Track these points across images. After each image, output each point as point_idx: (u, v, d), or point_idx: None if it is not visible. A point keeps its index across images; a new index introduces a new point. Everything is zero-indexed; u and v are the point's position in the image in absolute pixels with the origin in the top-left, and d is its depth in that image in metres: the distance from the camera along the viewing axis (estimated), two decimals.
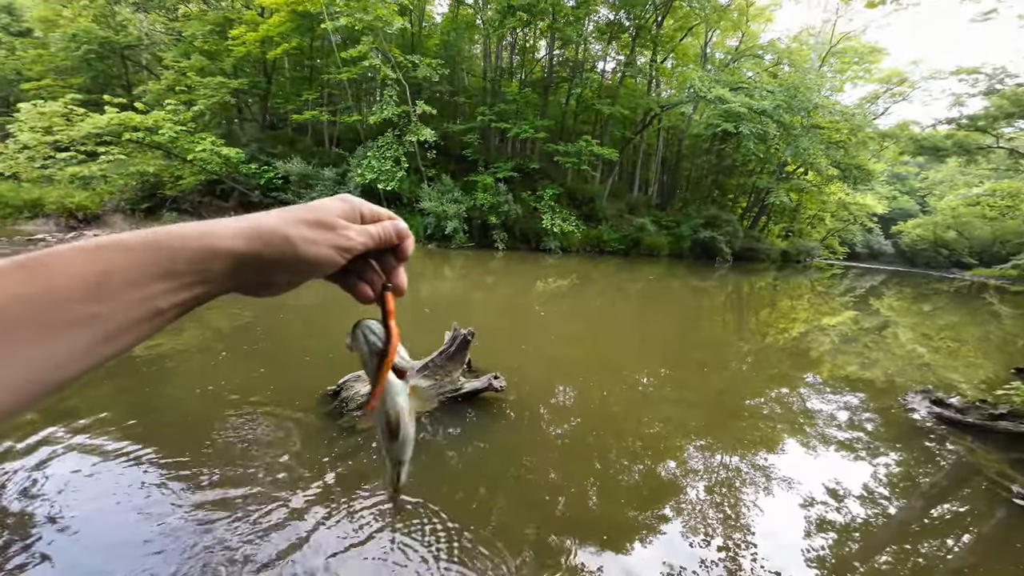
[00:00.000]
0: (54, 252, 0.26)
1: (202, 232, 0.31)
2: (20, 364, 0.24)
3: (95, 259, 0.27)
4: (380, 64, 13.28)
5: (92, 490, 1.91)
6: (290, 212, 0.35)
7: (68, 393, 2.71)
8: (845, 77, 23.90)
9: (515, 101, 16.87)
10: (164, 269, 0.29)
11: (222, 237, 0.32)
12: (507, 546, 1.74)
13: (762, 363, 4.76)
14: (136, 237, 0.29)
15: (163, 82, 15.10)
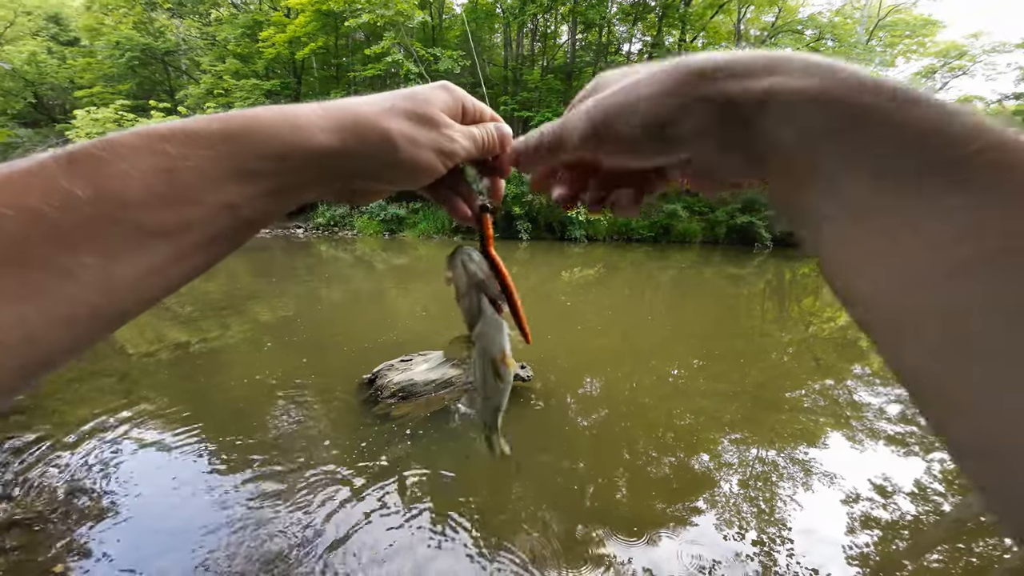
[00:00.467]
0: (111, 142, 0.21)
1: (288, 122, 0.26)
2: (73, 284, 0.19)
3: (158, 153, 0.21)
4: (403, 59, 13.40)
5: (151, 473, 2.07)
6: (389, 100, 0.30)
7: (130, 380, 2.95)
8: (896, 51, 21.98)
9: (537, 88, 16.60)
10: (242, 167, 0.24)
11: (310, 130, 0.26)
12: (535, 534, 1.75)
13: (804, 354, 4.51)
14: (208, 125, 0.23)
15: (202, 86, 15.92)
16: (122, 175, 0.20)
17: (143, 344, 3.58)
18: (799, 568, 1.66)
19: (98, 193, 0.19)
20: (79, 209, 0.19)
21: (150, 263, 0.21)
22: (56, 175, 0.19)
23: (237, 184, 0.24)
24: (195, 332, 3.88)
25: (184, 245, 0.22)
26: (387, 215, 14.32)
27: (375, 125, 0.28)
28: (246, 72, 15.97)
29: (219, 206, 0.23)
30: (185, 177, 0.22)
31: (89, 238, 0.19)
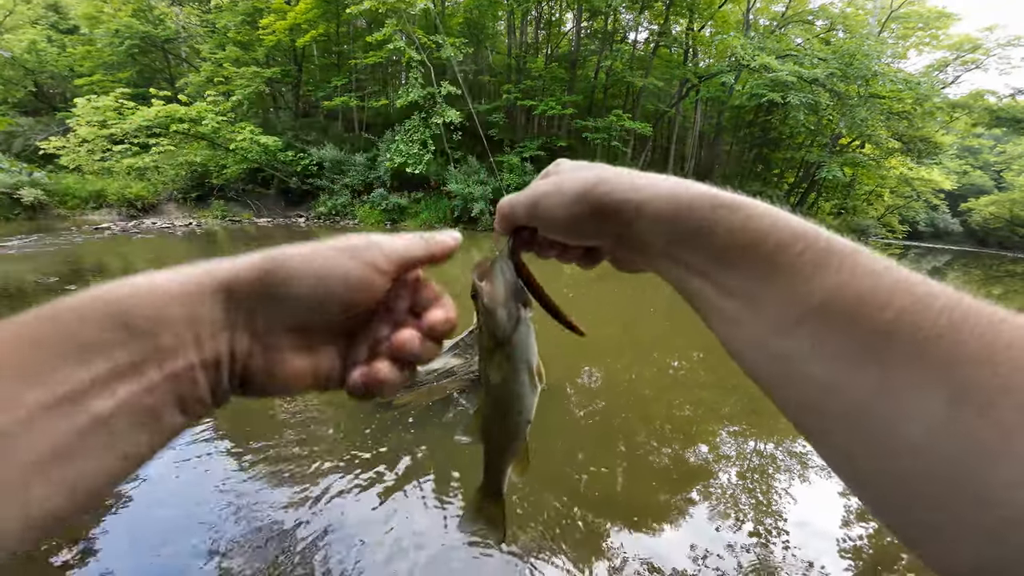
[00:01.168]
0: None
1: (130, 281, 0.22)
2: None
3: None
4: (404, 46, 13.21)
5: (156, 465, 2.11)
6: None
7: None
8: (909, 43, 21.51)
9: (541, 77, 16.36)
10: (77, 341, 0.19)
11: (184, 275, 0.23)
12: (535, 523, 1.78)
13: None
14: (28, 313, 0.20)
15: (202, 74, 15.78)
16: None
17: None
18: (794, 560, 1.69)
19: None
20: None
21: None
22: None
23: (73, 366, 0.19)
24: None
25: (11, 470, 0.17)
26: (389, 204, 14.28)
27: (278, 254, 0.25)
28: (246, 60, 15.80)
29: (49, 403, 0.18)
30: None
31: None
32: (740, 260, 0.23)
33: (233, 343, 0.24)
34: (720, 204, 0.24)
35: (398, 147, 13.89)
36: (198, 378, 0.23)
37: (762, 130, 20.85)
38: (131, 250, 7.68)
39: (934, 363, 0.17)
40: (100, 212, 12.30)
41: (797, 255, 0.22)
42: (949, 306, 0.18)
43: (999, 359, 0.16)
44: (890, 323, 0.18)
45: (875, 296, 0.19)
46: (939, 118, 18.77)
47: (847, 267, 0.21)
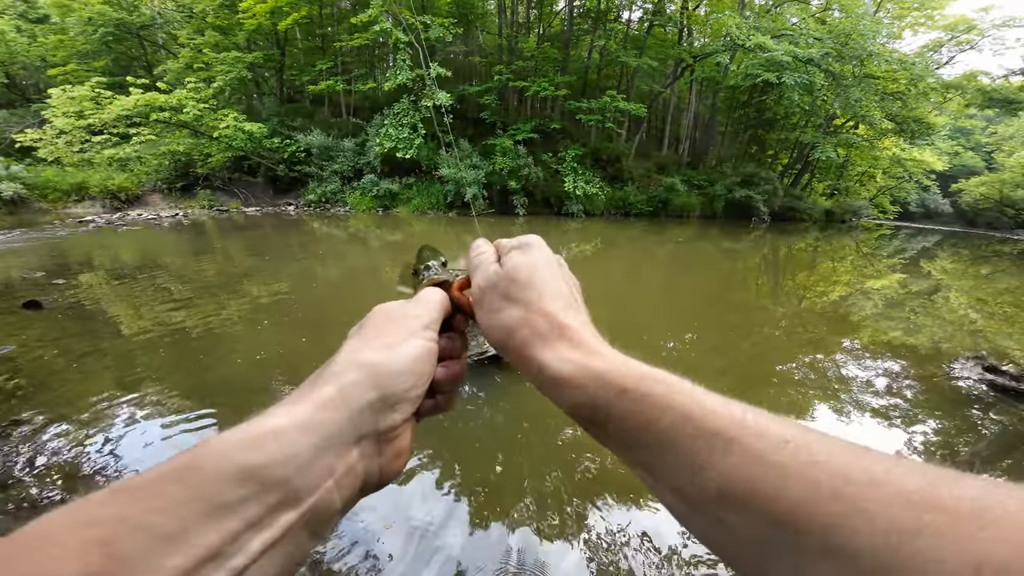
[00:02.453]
0: (31, 533, 0.17)
1: (255, 428, 0.23)
2: None
3: (90, 523, 0.18)
4: (391, 28, 12.80)
5: (155, 453, 2.10)
6: (341, 357, 0.30)
7: (129, 361, 2.95)
8: (904, 24, 21.28)
9: (533, 57, 15.99)
10: (211, 503, 0.20)
11: (294, 409, 0.24)
12: (532, 503, 1.80)
13: (796, 328, 4.56)
14: (161, 469, 0.20)
15: (181, 60, 15.25)
16: (46, 561, 0.16)
17: (140, 325, 3.56)
18: None
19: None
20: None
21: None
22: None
23: (206, 530, 0.19)
24: (192, 312, 3.86)
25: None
26: (380, 191, 14.06)
27: (372, 366, 0.28)
28: (227, 44, 15.24)
29: (188, 567, 0.18)
30: (128, 544, 0.17)
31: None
32: (638, 440, 0.25)
33: (360, 453, 0.26)
34: (624, 390, 0.26)
35: (387, 131, 13.59)
36: (334, 500, 0.24)
37: (757, 111, 20.69)
38: (118, 243, 7.52)
39: (837, 550, 0.17)
40: (83, 205, 12.00)
41: (690, 437, 0.23)
42: (838, 493, 0.18)
43: (894, 549, 0.16)
44: (786, 513, 0.19)
45: (766, 484, 0.20)
46: (932, 99, 18.71)
47: (736, 452, 0.21)
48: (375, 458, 0.28)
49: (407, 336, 0.31)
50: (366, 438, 0.27)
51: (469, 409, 2.49)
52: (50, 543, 0.17)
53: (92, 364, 2.87)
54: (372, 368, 0.28)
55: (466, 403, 2.55)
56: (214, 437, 0.22)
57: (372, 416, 0.27)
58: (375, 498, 1.81)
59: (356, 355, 0.29)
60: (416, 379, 0.29)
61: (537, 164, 14.54)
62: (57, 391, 2.54)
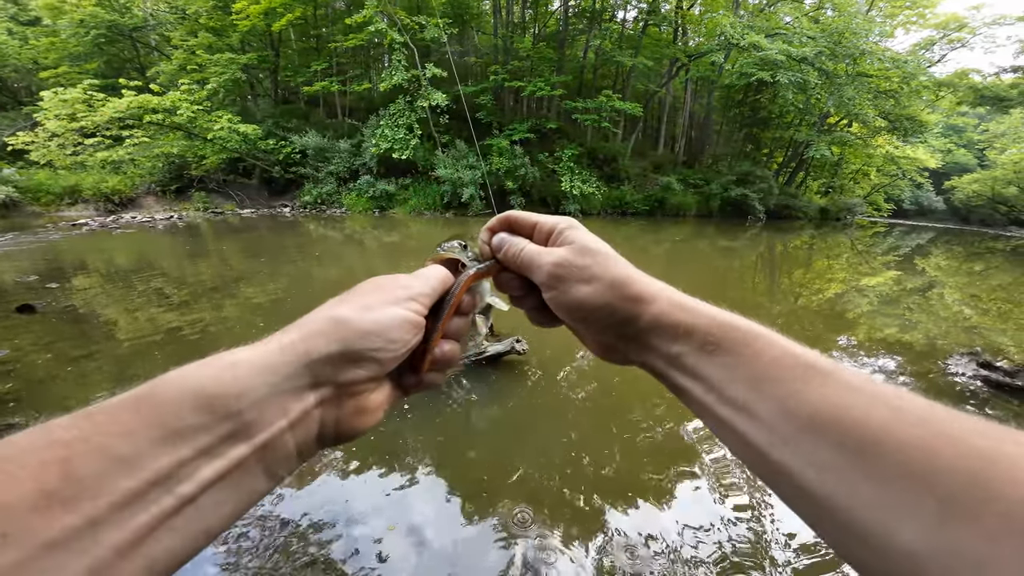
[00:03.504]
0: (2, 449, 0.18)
1: (213, 361, 0.23)
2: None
3: (51, 444, 0.18)
4: (386, 28, 12.77)
5: None
6: (316, 309, 0.30)
7: (124, 365, 2.92)
8: (896, 22, 21.52)
9: (529, 57, 16.00)
10: (164, 429, 0.20)
11: (256, 350, 0.25)
12: (530, 503, 1.80)
13: (792, 325, 4.58)
14: (123, 396, 0.21)
15: (174, 62, 15.15)
16: (4, 479, 0.17)
17: (135, 328, 3.53)
18: (778, 534, 1.74)
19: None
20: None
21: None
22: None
23: (157, 455, 0.20)
24: (188, 315, 3.84)
25: (100, 549, 0.18)
26: (376, 191, 14.02)
27: (319, 317, 0.28)
28: (220, 46, 15.16)
29: (139, 489, 0.19)
30: (84, 464, 0.18)
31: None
32: (743, 374, 0.26)
33: (318, 399, 0.27)
34: (734, 327, 0.28)
35: (383, 132, 13.56)
36: (287, 441, 0.25)
37: (752, 110, 20.79)
38: (112, 245, 7.46)
39: (919, 476, 0.18)
40: (76, 208, 11.90)
41: (788, 369, 0.25)
42: (923, 418, 0.20)
43: (977, 470, 0.17)
44: (872, 437, 0.20)
45: (854, 411, 0.21)
46: (925, 96, 18.89)
47: (830, 383, 0.23)
48: (333, 409, 0.28)
49: (388, 302, 0.31)
50: (324, 386, 0.27)
51: (467, 409, 2.48)
52: (9, 462, 0.17)
53: (87, 367, 2.85)
54: (339, 322, 0.28)
55: (464, 403, 2.54)
56: (176, 368, 0.23)
57: (331, 367, 0.27)
58: (379, 500, 1.80)
59: (328, 310, 0.29)
60: (385, 343, 0.29)
61: (534, 164, 14.55)
62: (52, 395, 2.51)
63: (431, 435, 2.22)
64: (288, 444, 0.25)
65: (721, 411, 0.27)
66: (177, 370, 0.23)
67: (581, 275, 0.33)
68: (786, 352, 0.26)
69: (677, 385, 0.31)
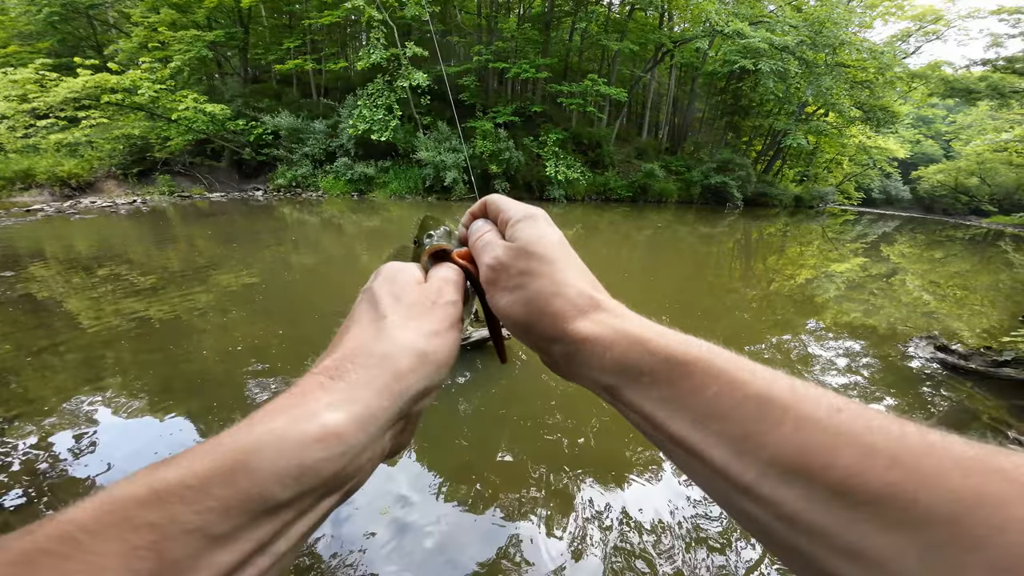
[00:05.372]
0: (70, 528, 0.16)
1: (325, 426, 0.21)
2: None
3: (136, 528, 0.17)
4: (363, 4, 12.20)
5: (129, 450, 2.02)
6: (379, 333, 0.27)
7: (93, 355, 2.80)
8: (875, 13, 21.88)
9: (514, 38, 15.64)
10: (265, 504, 0.19)
11: (340, 421, 0.22)
12: (517, 485, 1.84)
13: (765, 310, 4.75)
14: (207, 465, 0.19)
15: (134, 40, 14.13)
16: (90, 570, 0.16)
17: (100, 318, 3.37)
18: None
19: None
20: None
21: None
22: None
23: (257, 527, 0.19)
24: (157, 303, 3.68)
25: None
26: (355, 174, 13.61)
27: (405, 354, 0.26)
28: (185, 23, 14.19)
29: (239, 561, 0.19)
30: (178, 548, 0.17)
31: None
32: (684, 410, 0.23)
33: (395, 432, 0.27)
34: (669, 355, 0.24)
35: (361, 113, 13.10)
36: (366, 478, 0.25)
37: (733, 98, 20.96)
38: (71, 232, 7.04)
39: (896, 526, 0.16)
40: (30, 193, 11.12)
41: (737, 406, 0.21)
42: (895, 458, 0.17)
43: (959, 515, 0.16)
44: (841, 486, 0.18)
45: (818, 456, 0.19)
46: (898, 88, 19.43)
47: (787, 420, 0.20)
48: (398, 436, 0.28)
49: (449, 326, 0.29)
50: (402, 422, 0.27)
51: (454, 395, 2.49)
52: (92, 549, 0.16)
53: (51, 359, 2.72)
54: (424, 358, 0.27)
55: (450, 388, 2.55)
56: (264, 429, 0.21)
57: (414, 403, 0.26)
58: (372, 482, 1.80)
59: (405, 337, 0.27)
60: (450, 371, 0.29)
61: (518, 148, 14.37)
62: (13, 388, 2.39)
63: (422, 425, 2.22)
64: (364, 481, 0.25)
65: (673, 451, 0.24)
66: (270, 432, 0.21)
67: (508, 282, 0.30)
68: (733, 384, 0.22)
69: (625, 415, 0.28)
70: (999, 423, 2.58)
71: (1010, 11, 16.50)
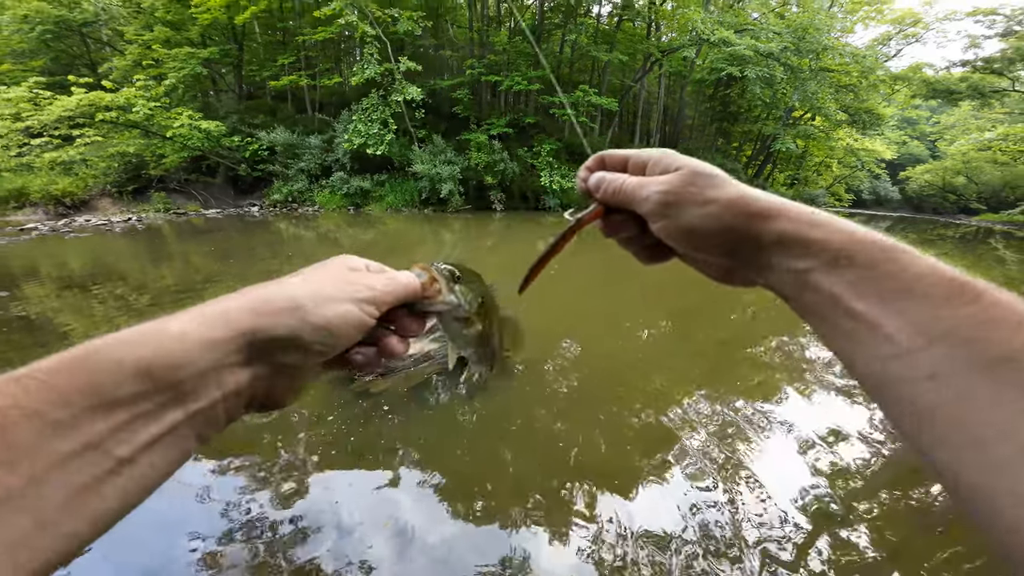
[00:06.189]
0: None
1: (155, 329, 0.24)
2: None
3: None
4: (357, 21, 12.39)
5: None
6: (275, 283, 0.29)
7: None
8: (856, 18, 22.56)
9: (505, 52, 15.89)
10: (101, 397, 0.21)
11: (200, 321, 0.24)
12: (519, 495, 1.81)
13: (763, 312, 4.76)
14: (54, 360, 0.21)
15: (128, 57, 14.26)
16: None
17: (98, 336, 3.33)
18: (764, 514, 1.81)
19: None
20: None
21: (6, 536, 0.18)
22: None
23: (99, 417, 0.21)
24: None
25: (39, 505, 0.19)
26: (351, 188, 13.67)
27: (272, 298, 0.28)
28: (179, 40, 14.33)
29: (76, 451, 0.20)
30: (19, 431, 0.19)
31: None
32: (875, 289, 0.25)
33: (252, 374, 0.27)
34: (873, 240, 0.27)
35: (356, 127, 13.20)
36: (218, 411, 0.26)
37: (722, 104, 21.35)
38: (66, 251, 6.99)
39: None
40: (24, 212, 11.08)
41: (931, 286, 0.24)
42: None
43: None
44: (1009, 356, 0.20)
45: (997, 331, 0.21)
46: (882, 91, 19.88)
47: (978, 303, 0.22)
48: (264, 383, 0.28)
49: (348, 298, 0.30)
50: (261, 364, 0.27)
51: (452, 408, 2.47)
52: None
53: None
54: (295, 309, 0.28)
55: (448, 401, 2.52)
56: (113, 333, 0.23)
57: (273, 350, 0.27)
58: (370, 497, 1.78)
59: (287, 289, 0.29)
60: (334, 340, 0.29)
61: (513, 159, 14.50)
62: None
63: (416, 435, 2.19)
64: (218, 411, 0.26)
65: (844, 323, 0.26)
66: (114, 335, 0.23)
67: (694, 198, 0.31)
68: (934, 270, 0.24)
69: (800, 301, 0.30)
70: None
71: (985, 12, 17.01)
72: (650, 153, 0.35)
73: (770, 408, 2.61)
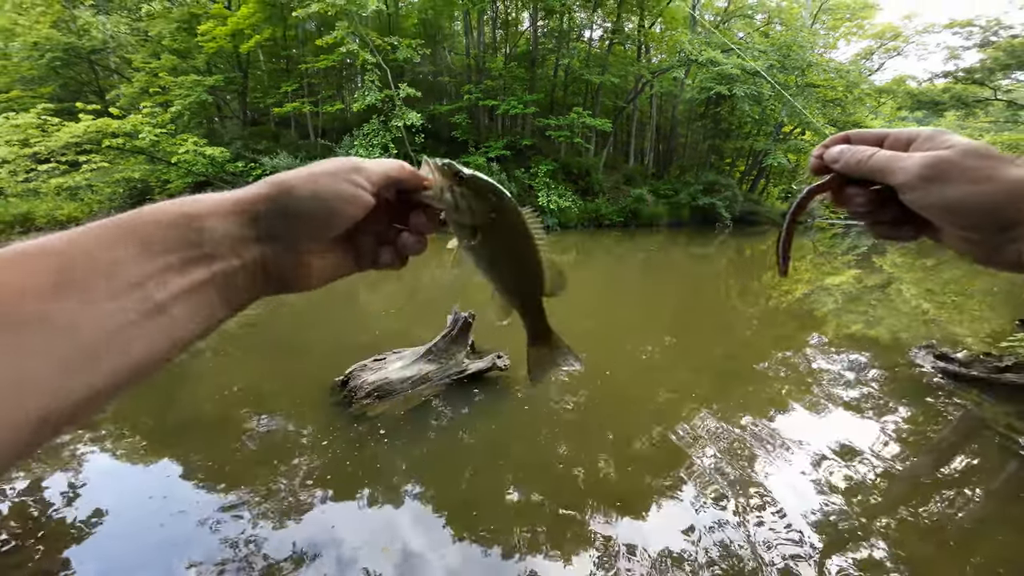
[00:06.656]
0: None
1: (183, 201, 0.28)
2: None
3: (45, 253, 0.22)
4: (358, 49, 12.83)
5: (123, 490, 1.94)
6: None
7: None
8: (838, 34, 23.42)
9: (501, 77, 16.38)
10: (144, 245, 0.25)
11: (216, 198, 0.29)
12: (521, 519, 1.76)
13: (766, 326, 4.75)
14: (105, 221, 0.25)
15: (135, 85, 14.67)
16: (15, 271, 0.21)
17: None
18: (773, 533, 1.76)
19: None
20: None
21: (48, 363, 0.20)
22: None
23: (142, 262, 0.24)
24: None
25: (84, 339, 0.21)
26: None
27: (284, 179, 0.32)
28: (185, 68, 14.80)
29: (121, 289, 0.23)
30: (75, 267, 0.22)
31: None
32: None
33: (263, 250, 0.31)
34: None
35: (358, 152, 13.48)
36: (238, 280, 0.29)
37: (713, 122, 21.84)
38: None
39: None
40: (29, 236, 10.98)
41: None
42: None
43: None
44: None
45: None
46: (868, 104, 20.41)
47: None
48: (278, 263, 0.31)
49: (336, 176, 0.33)
50: (272, 243, 0.31)
51: (453, 428, 2.43)
52: (16, 262, 0.21)
53: None
54: (283, 188, 0.31)
55: (449, 422, 2.49)
56: (173, 201, 0.28)
57: (276, 227, 0.30)
58: (372, 520, 1.73)
59: (286, 175, 0.32)
60: (327, 213, 0.32)
61: (511, 180, 14.76)
62: None
63: (417, 457, 2.15)
64: (238, 280, 0.29)
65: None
66: (151, 206, 0.27)
67: (968, 175, 0.32)
68: None
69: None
70: (1011, 431, 2.54)
71: (962, 24, 17.53)
72: (919, 130, 0.36)
73: (779, 424, 2.57)
